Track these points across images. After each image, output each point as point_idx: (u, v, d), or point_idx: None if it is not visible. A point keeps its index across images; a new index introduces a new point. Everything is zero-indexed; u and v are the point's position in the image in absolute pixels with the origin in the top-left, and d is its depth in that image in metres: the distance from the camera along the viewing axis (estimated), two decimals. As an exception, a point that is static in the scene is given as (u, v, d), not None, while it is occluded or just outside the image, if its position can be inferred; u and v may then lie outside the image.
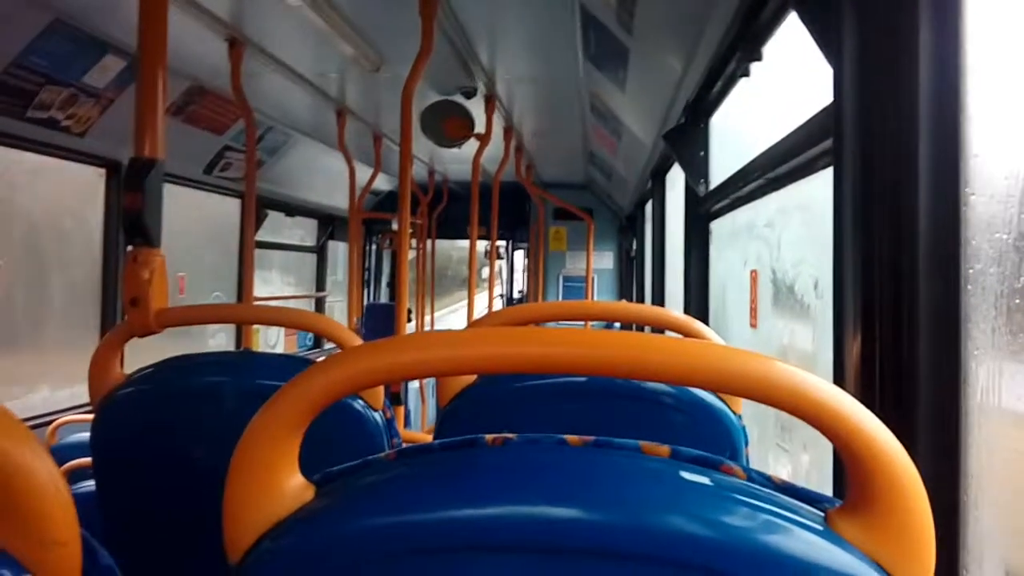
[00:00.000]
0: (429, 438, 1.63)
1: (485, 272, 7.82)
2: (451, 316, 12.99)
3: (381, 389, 1.39)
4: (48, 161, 3.17)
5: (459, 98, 3.78)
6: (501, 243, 8.28)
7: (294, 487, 0.59)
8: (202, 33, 2.83)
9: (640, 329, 4.01)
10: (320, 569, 0.55)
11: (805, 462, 1.86)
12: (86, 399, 1.44)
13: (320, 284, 6.63)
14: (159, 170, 1.64)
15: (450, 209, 7.08)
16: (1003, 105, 0.93)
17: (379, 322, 5.94)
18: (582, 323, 4.60)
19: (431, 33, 2.41)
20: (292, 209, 5.81)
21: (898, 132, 0.94)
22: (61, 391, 3.37)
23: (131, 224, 1.61)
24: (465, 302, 4.83)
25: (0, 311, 3.16)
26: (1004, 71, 0.94)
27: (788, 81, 1.89)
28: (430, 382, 5.60)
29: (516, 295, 9.11)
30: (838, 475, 1.13)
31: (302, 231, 6.43)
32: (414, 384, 5.66)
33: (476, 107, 3.81)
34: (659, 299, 4.17)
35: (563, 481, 0.56)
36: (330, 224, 6.60)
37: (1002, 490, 0.90)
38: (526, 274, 8.34)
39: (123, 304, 1.55)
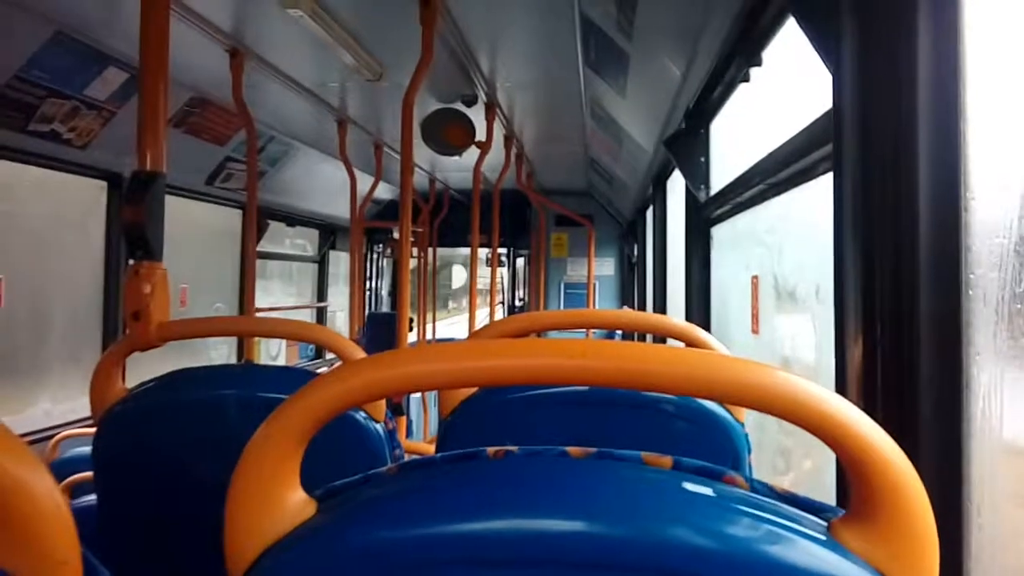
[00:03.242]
0: (431, 449, 1.63)
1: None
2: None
3: (383, 401, 1.39)
4: (51, 174, 3.18)
5: (460, 106, 3.78)
6: (502, 251, 8.27)
7: (295, 503, 0.59)
8: (203, 44, 2.84)
9: (642, 337, 3.99)
10: None
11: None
12: (88, 412, 1.44)
13: (321, 294, 6.63)
14: (160, 183, 1.64)
15: (451, 217, 7.08)
16: (1002, 109, 0.93)
17: (381, 332, 5.93)
18: (584, 332, 4.59)
19: (431, 42, 2.42)
20: (294, 219, 5.82)
21: (898, 137, 0.94)
22: (63, 404, 3.37)
23: (133, 237, 1.61)
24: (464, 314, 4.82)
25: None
26: (1003, 76, 0.93)
27: (790, 86, 1.89)
28: (432, 392, 5.59)
29: (518, 303, 9.09)
30: (841, 484, 1.13)
31: (303, 241, 6.44)
32: (416, 394, 5.65)
33: (477, 115, 3.82)
34: (660, 306, 4.16)
35: (565, 494, 0.56)
36: (331, 234, 6.61)
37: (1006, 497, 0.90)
38: (528, 281, 8.32)
39: (124, 317, 1.55)
